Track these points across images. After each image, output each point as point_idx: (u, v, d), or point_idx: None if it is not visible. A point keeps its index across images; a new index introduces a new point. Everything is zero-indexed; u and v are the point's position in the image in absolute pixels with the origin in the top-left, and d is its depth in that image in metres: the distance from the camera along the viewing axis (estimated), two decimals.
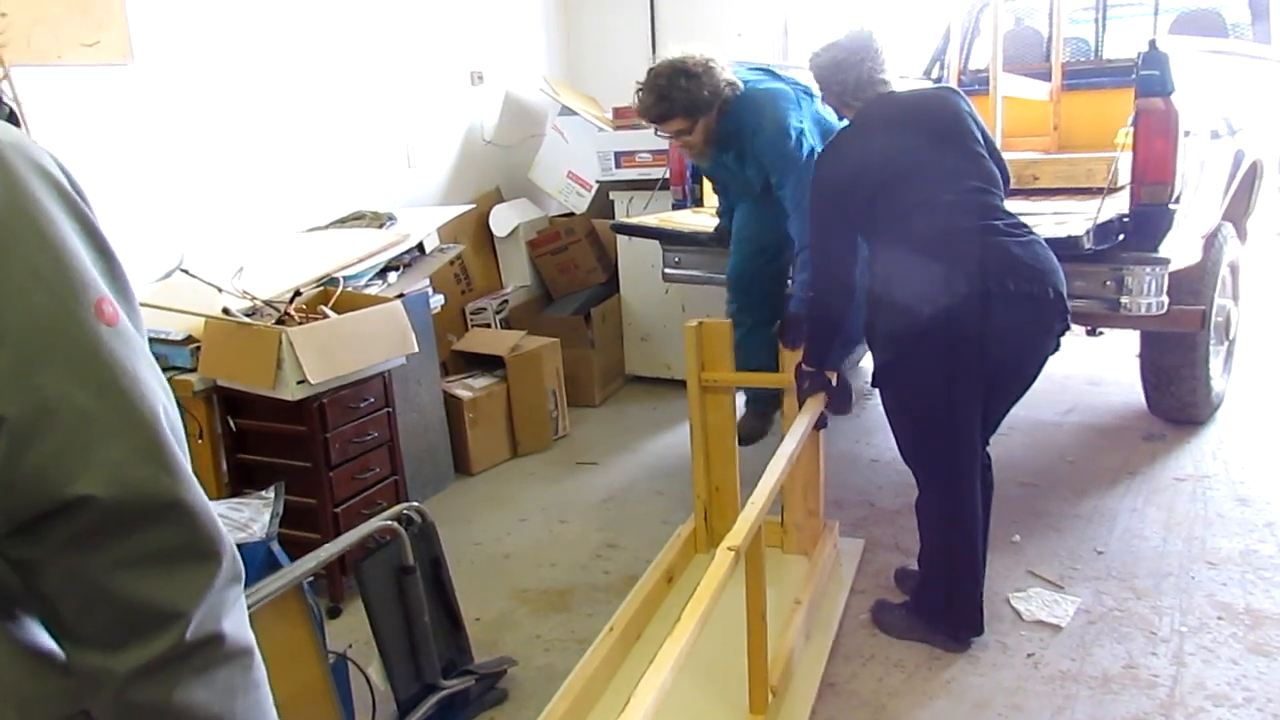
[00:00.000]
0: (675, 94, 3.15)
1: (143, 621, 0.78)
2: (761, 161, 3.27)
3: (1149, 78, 3.16)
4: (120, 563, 0.76)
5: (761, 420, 3.71)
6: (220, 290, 3.13)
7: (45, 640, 0.83)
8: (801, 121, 3.23)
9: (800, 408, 2.82)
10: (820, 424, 2.95)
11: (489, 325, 4.88)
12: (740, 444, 3.29)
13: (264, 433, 3.12)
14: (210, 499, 0.85)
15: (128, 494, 0.75)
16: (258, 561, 2.19)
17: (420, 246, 4.02)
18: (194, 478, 0.82)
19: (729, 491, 3.20)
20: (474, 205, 4.93)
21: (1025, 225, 2.56)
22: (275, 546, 2.22)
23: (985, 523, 2.74)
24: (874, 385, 2.71)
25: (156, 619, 0.78)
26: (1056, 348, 2.61)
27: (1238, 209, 4.12)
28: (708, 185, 4.20)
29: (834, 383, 2.90)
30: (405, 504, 2.49)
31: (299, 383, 2.87)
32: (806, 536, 3.16)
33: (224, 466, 3.19)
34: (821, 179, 2.71)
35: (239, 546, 2.12)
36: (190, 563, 0.80)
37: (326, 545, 2.23)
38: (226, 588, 0.83)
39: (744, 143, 3.28)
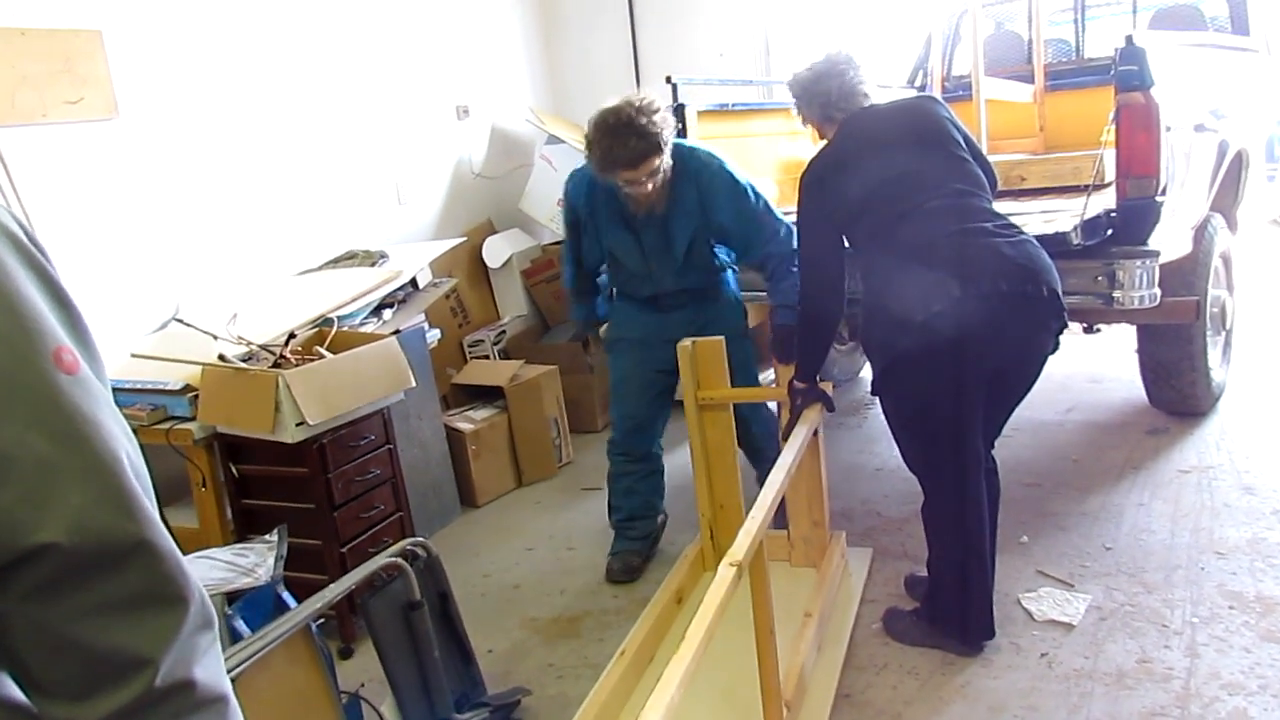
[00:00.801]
0: (649, 129, 2.93)
1: (109, 670, 0.77)
2: (718, 208, 3.14)
3: (1127, 73, 3.18)
4: (84, 610, 0.75)
5: (637, 559, 3.42)
6: (216, 338, 3.15)
7: (14, 692, 0.82)
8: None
9: (796, 421, 2.83)
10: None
11: (487, 357, 4.89)
12: (611, 581, 3.34)
13: (267, 477, 3.12)
14: (216, 546, 0.84)
15: (90, 540, 0.75)
16: (265, 605, 2.20)
17: (414, 282, 4.04)
18: (160, 523, 0.81)
19: (733, 509, 3.20)
20: (466, 238, 4.96)
21: (1015, 225, 2.57)
22: (281, 589, 2.23)
23: (993, 526, 2.73)
24: (874, 394, 2.72)
25: (123, 667, 0.77)
26: (1056, 347, 2.61)
27: (1226, 199, 4.13)
28: None
29: (829, 393, 2.91)
30: (409, 539, 2.49)
31: (298, 425, 2.88)
32: (813, 548, 3.16)
33: (228, 513, 3.20)
34: (809, 191, 2.74)
35: (244, 592, 2.14)
36: (157, 608, 0.79)
37: (331, 585, 2.23)
38: (196, 633, 0.81)
39: (689, 184, 3.12)
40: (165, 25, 3.70)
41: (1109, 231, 3.22)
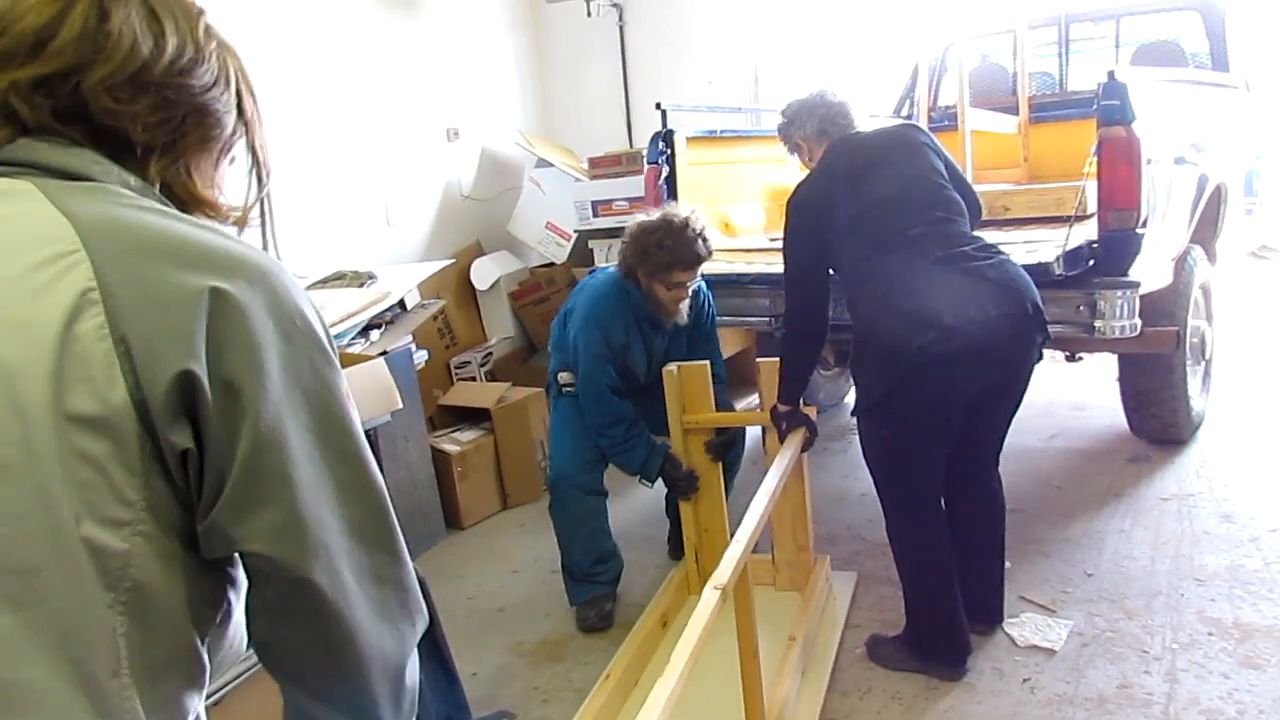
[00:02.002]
0: (707, 240, 3.14)
1: None
2: (706, 317, 3.40)
3: (1110, 107, 3.23)
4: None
5: (610, 603, 3.28)
6: None
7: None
8: None
9: (781, 444, 2.85)
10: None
11: (474, 378, 4.91)
12: (587, 630, 3.19)
13: None
14: None
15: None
16: (245, 631, 2.19)
17: (402, 303, 4.05)
18: None
19: (718, 532, 3.21)
20: (454, 260, 4.98)
21: (993, 246, 2.64)
22: None
23: (1002, 541, 2.86)
24: (854, 416, 2.75)
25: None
26: (1040, 357, 2.68)
27: (1206, 232, 4.19)
28: None
29: (814, 417, 2.94)
30: None
31: None
32: (798, 573, 3.17)
33: None
34: (796, 213, 2.78)
35: None
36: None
37: None
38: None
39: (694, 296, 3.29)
40: None
41: (1091, 262, 3.26)
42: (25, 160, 0.81)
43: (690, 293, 3.21)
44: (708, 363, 3.19)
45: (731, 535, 2.66)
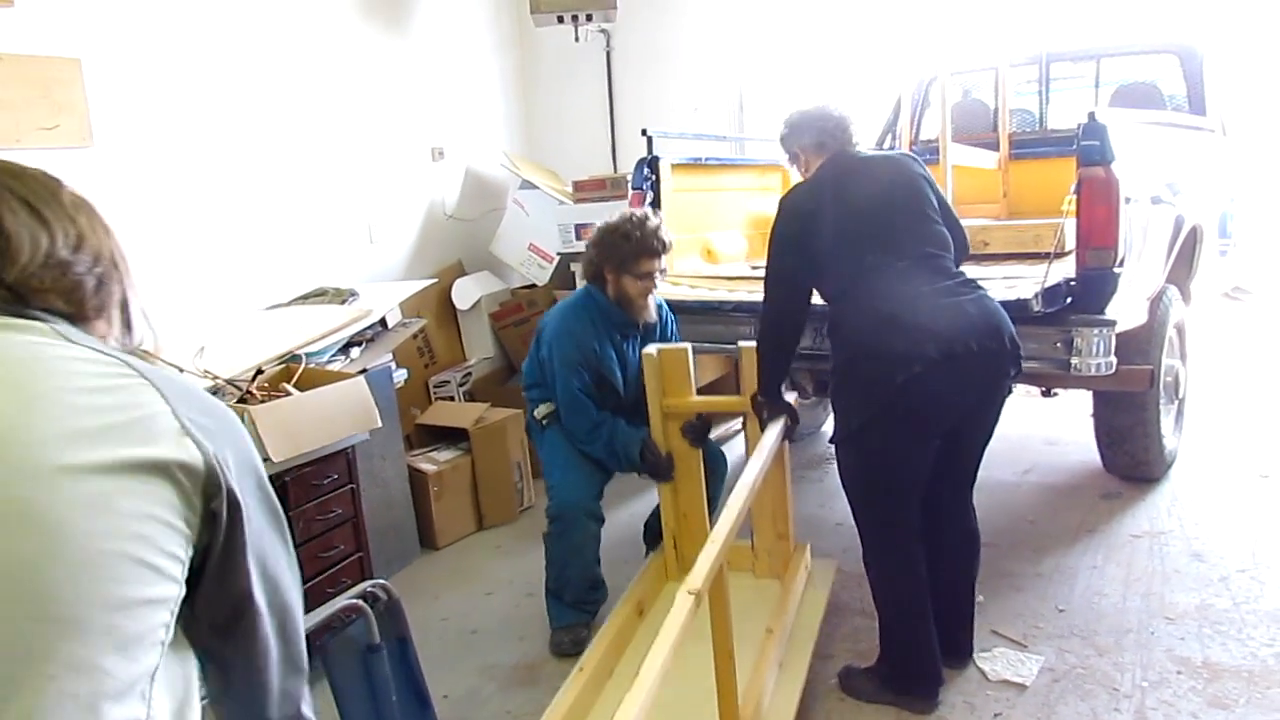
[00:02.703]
0: (666, 234, 3.28)
1: None
2: (670, 323, 3.49)
3: (1090, 148, 3.28)
4: None
5: (585, 630, 3.22)
6: (182, 370, 3.13)
7: None
8: None
9: (761, 431, 2.84)
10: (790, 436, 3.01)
11: (452, 398, 4.90)
12: (560, 655, 3.14)
13: None
14: None
15: None
16: None
17: (383, 321, 4.05)
18: None
19: (696, 518, 3.18)
20: (436, 280, 4.98)
21: (972, 281, 2.68)
22: None
23: (974, 577, 2.88)
24: (833, 444, 2.76)
25: None
26: (1010, 390, 2.74)
27: (1181, 272, 4.25)
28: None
29: (794, 404, 2.95)
30: (370, 581, 2.48)
31: (262, 461, 2.86)
32: (777, 560, 3.15)
33: None
34: (786, 215, 2.79)
35: None
36: None
37: None
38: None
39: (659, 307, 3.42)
40: (145, 57, 3.72)
41: (1068, 299, 3.30)
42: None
43: (655, 285, 3.29)
44: (688, 346, 3.21)
45: (712, 523, 2.67)
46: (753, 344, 3.04)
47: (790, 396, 3.05)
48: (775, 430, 2.82)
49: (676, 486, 3.20)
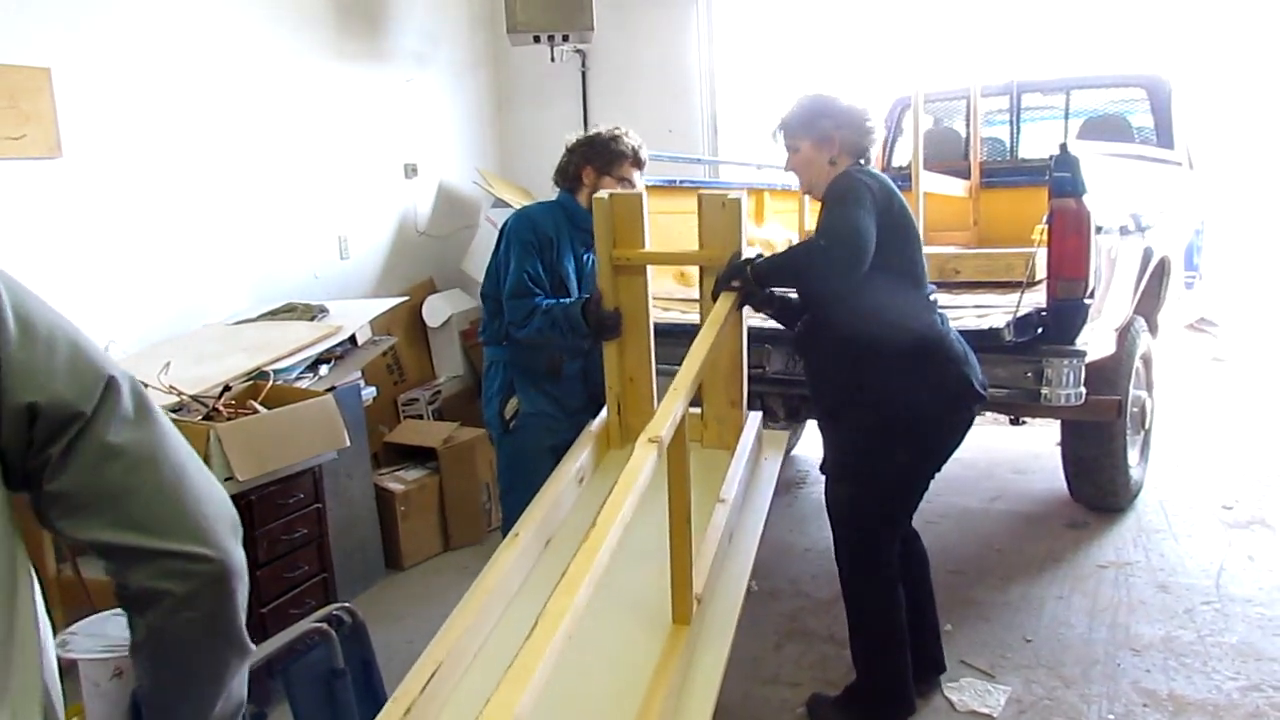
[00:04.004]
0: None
1: None
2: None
3: (1062, 179, 3.31)
4: None
5: None
6: (146, 385, 3.08)
7: None
8: None
9: (715, 297, 2.64)
10: None
11: (421, 416, 4.85)
12: None
13: None
14: None
15: None
16: None
17: (352, 339, 4.01)
18: None
19: (644, 382, 2.95)
20: (407, 297, 4.94)
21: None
22: None
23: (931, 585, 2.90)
24: (826, 473, 2.76)
25: None
26: None
27: (1149, 303, 4.29)
28: None
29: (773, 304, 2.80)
30: (336, 604, 2.45)
31: (226, 480, 2.82)
32: (728, 429, 2.93)
33: None
34: (865, 188, 2.53)
35: None
36: None
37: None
38: None
39: None
40: (115, 68, 3.67)
41: (1039, 330, 3.32)
42: None
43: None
44: (643, 193, 2.97)
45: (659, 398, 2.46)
46: (716, 191, 2.85)
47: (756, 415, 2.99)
48: (732, 298, 2.62)
49: (623, 347, 2.93)
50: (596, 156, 3.12)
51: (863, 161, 2.68)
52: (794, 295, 2.80)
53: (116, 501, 0.90)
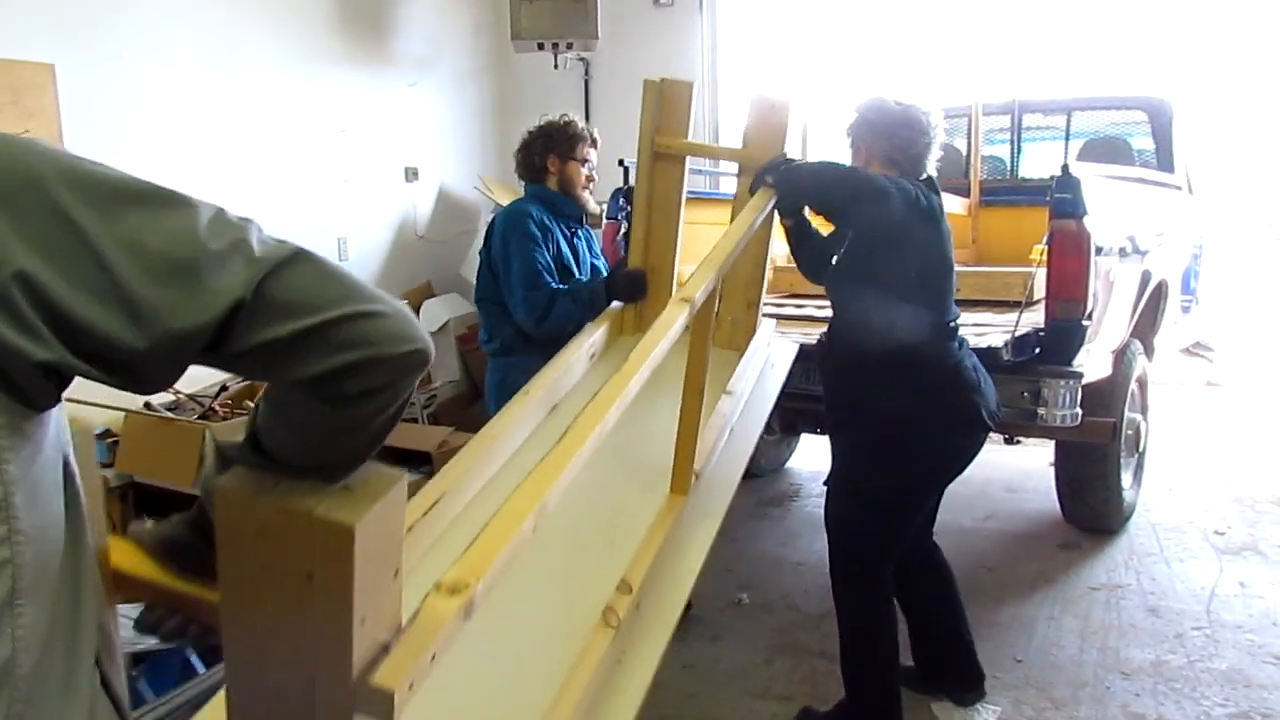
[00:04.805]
0: None
1: None
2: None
3: (1063, 200, 3.32)
4: None
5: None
6: None
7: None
8: None
9: (751, 193, 2.63)
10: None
11: (416, 420, 4.84)
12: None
13: None
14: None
15: None
16: (172, 670, 2.13)
17: None
18: None
19: (664, 272, 2.98)
20: (405, 300, 4.93)
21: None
22: (189, 653, 2.16)
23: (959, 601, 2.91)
24: (830, 486, 2.76)
25: None
26: None
27: (1145, 326, 4.30)
28: None
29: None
30: None
31: None
32: (741, 332, 2.94)
33: None
34: (887, 180, 2.55)
35: (151, 654, 2.07)
36: None
37: None
38: None
39: None
40: (119, 67, 3.68)
41: (1037, 350, 3.33)
42: None
43: (592, 173, 3.33)
44: (693, 83, 3.01)
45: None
46: (764, 95, 2.87)
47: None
48: (768, 196, 2.59)
49: (649, 236, 2.96)
50: (557, 144, 3.24)
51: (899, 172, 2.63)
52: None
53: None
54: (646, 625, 1.87)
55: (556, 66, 5.69)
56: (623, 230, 4.14)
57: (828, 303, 2.86)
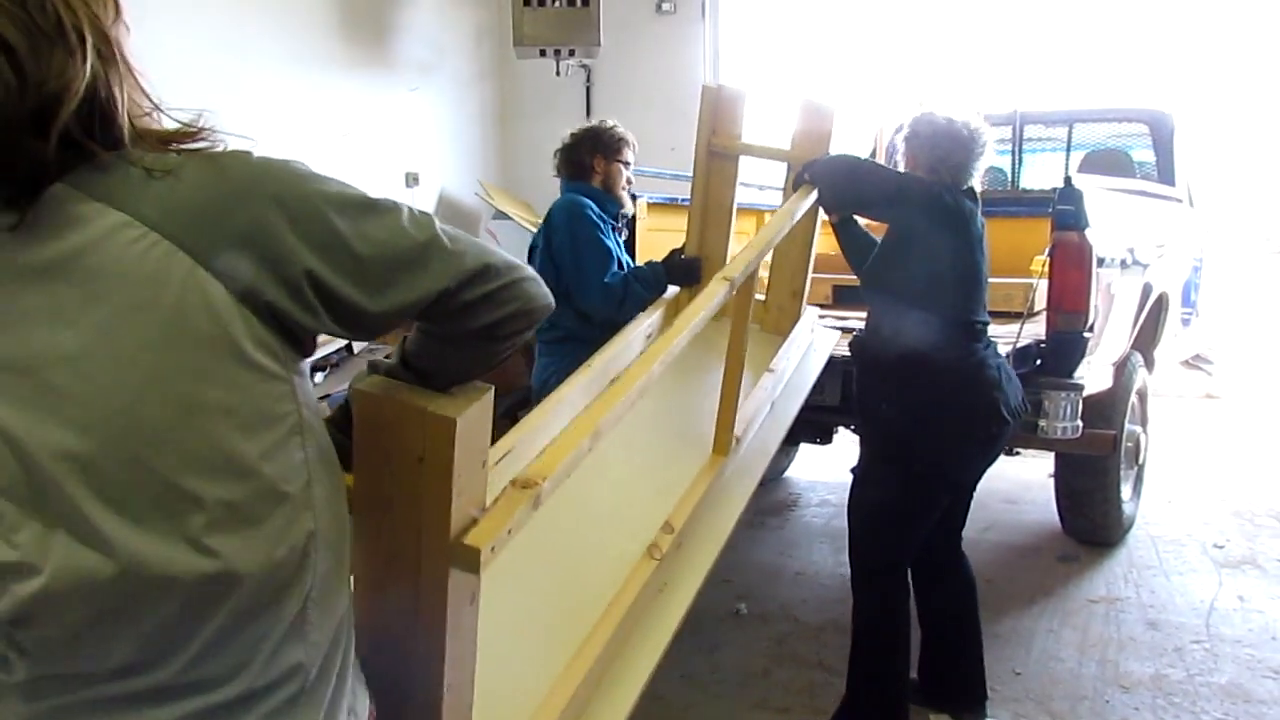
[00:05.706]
0: None
1: None
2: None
3: (1065, 212, 3.31)
4: None
5: None
6: None
7: None
8: None
9: (795, 188, 2.77)
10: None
11: None
12: None
13: None
14: None
15: None
16: None
17: (349, 346, 3.99)
18: None
19: (717, 260, 3.16)
20: None
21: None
22: None
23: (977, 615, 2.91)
24: (855, 474, 2.76)
25: None
26: None
27: (1146, 338, 4.30)
28: None
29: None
30: None
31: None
32: (785, 318, 3.16)
33: None
34: (921, 181, 2.64)
35: None
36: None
37: None
38: None
39: None
40: None
41: (1038, 361, 3.32)
42: None
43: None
44: (745, 91, 3.27)
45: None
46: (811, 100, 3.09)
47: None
48: (811, 192, 2.70)
49: (704, 230, 3.20)
50: (604, 146, 3.42)
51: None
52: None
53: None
54: (686, 560, 2.14)
55: (559, 73, 5.69)
56: (624, 237, 4.12)
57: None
